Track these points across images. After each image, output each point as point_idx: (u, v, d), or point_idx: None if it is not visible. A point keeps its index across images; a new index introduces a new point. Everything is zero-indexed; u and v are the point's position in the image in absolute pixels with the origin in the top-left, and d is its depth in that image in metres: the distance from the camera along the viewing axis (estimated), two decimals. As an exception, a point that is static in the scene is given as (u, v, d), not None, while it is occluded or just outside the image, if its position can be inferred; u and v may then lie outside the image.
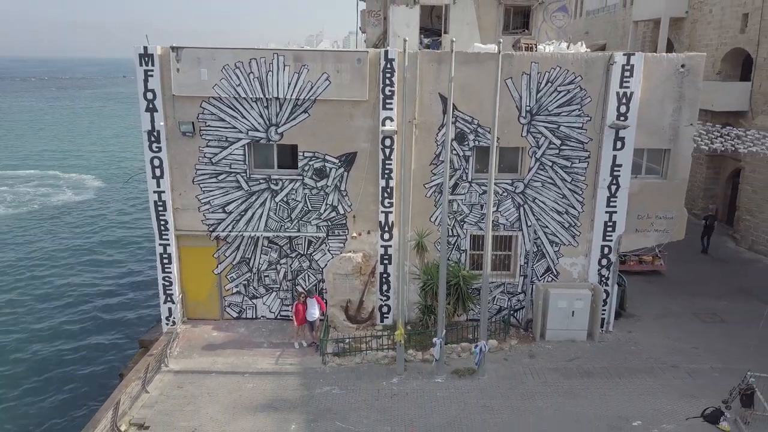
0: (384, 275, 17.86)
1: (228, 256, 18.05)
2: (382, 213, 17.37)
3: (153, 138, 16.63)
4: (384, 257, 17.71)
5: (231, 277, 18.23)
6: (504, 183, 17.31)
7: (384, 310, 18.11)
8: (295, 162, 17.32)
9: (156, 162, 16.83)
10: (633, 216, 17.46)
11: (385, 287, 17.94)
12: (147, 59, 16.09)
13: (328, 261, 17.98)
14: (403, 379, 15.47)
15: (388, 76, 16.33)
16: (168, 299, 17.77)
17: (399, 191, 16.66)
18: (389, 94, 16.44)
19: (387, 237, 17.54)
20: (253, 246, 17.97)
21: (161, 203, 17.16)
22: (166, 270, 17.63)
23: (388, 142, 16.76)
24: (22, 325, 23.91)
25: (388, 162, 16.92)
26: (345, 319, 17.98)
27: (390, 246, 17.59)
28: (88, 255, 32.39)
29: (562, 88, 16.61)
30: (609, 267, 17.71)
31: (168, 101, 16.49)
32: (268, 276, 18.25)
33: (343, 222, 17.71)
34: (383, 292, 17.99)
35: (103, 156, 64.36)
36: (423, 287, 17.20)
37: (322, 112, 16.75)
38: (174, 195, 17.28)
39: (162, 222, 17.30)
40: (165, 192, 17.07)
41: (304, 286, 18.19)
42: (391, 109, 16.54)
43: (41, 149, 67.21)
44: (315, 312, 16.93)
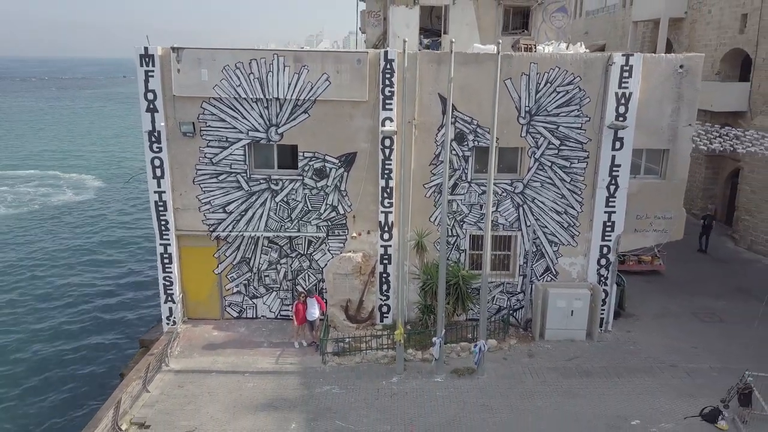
0: (384, 275, 17.91)
1: (228, 256, 18.11)
2: (381, 213, 17.43)
3: (154, 138, 16.69)
4: (384, 257, 17.77)
5: (231, 277, 18.29)
6: (503, 183, 17.36)
7: (384, 309, 18.17)
8: (295, 162, 17.38)
9: (156, 162, 16.89)
10: (632, 216, 17.50)
11: (385, 287, 17.99)
12: (148, 60, 16.14)
13: (328, 261, 18.04)
14: (403, 379, 15.52)
15: (387, 76, 16.38)
16: (168, 299, 17.83)
17: (399, 191, 16.72)
18: (389, 94, 16.49)
19: (387, 237, 17.60)
20: (254, 246, 18.03)
21: (162, 203, 17.21)
22: (166, 270, 17.69)
23: (387, 142, 16.82)
24: (22, 325, 23.94)
25: (387, 162, 16.98)
26: (345, 319, 18.04)
27: (390, 246, 17.64)
28: (88, 255, 32.42)
29: (561, 88, 16.66)
30: (608, 267, 17.76)
31: (168, 102, 16.54)
32: (268, 276, 18.31)
33: (343, 222, 17.77)
34: (383, 291, 18.04)
35: (104, 156, 64.39)
36: (423, 287, 17.26)
37: (322, 112, 16.81)
38: (174, 195, 17.34)
39: (162, 222, 17.36)
40: (165, 192, 17.12)
41: (304, 285, 18.25)
42: (391, 110, 16.60)
43: (41, 149, 67.20)
44: (315, 312, 16.98)
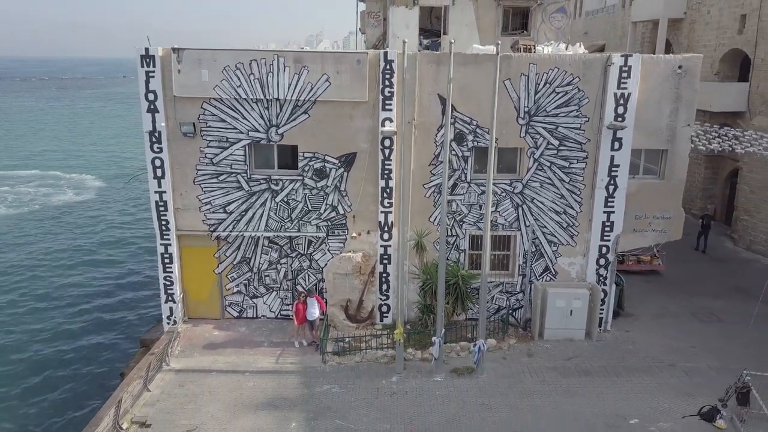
0: (383, 275, 17.97)
1: (229, 255, 18.17)
2: (381, 213, 17.49)
3: (154, 138, 16.74)
4: (383, 257, 17.82)
5: (232, 277, 18.35)
6: (502, 183, 17.42)
7: (383, 309, 18.23)
8: (296, 162, 17.44)
9: (157, 162, 16.94)
10: (631, 216, 17.56)
11: (385, 287, 18.05)
12: (148, 60, 16.20)
13: (328, 261, 18.10)
14: (403, 378, 15.58)
15: (387, 77, 16.44)
16: (169, 299, 17.89)
17: (398, 191, 16.77)
18: (389, 95, 16.55)
19: (386, 237, 17.65)
20: (254, 246, 18.09)
21: (162, 203, 17.27)
22: (167, 270, 17.75)
23: (387, 142, 16.88)
24: (23, 325, 23.97)
25: (387, 162, 17.04)
26: (345, 319, 18.10)
27: (389, 246, 17.70)
28: (89, 255, 32.46)
29: (560, 89, 16.72)
30: (607, 267, 17.82)
31: (169, 102, 16.60)
32: (268, 275, 18.37)
33: (343, 222, 17.82)
34: (383, 291, 18.10)
35: (104, 156, 64.41)
36: (422, 287, 17.31)
37: (322, 113, 16.86)
38: (175, 195, 17.40)
39: (163, 222, 17.42)
40: (166, 192, 17.18)
41: (304, 285, 18.31)
42: (391, 110, 16.66)
43: (42, 149, 67.20)
44: (315, 311, 17.03)
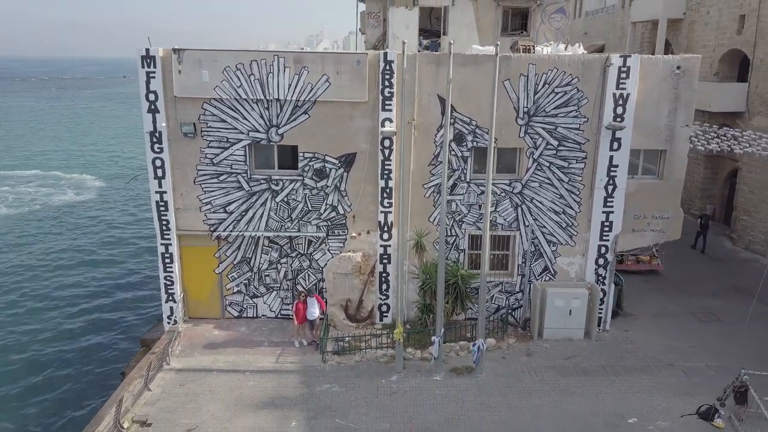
0: (383, 274, 18.03)
1: (229, 255, 18.23)
2: (381, 213, 17.55)
3: (155, 139, 16.80)
4: (383, 257, 17.88)
5: (232, 277, 18.40)
6: (502, 183, 17.48)
7: (383, 309, 18.29)
8: (296, 162, 17.49)
9: (158, 162, 17.00)
10: (630, 216, 17.62)
11: (385, 286, 18.11)
12: (149, 61, 16.26)
13: (328, 260, 18.16)
14: (402, 377, 15.64)
15: (387, 77, 16.50)
16: (169, 298, 17.95)
17: (398, 191, 16.84)
18: (388, 95, 16.61)
19: (386, 237, 17.71)
20: (254, 246, 18.15)
21: (163, 203, 17.33)
22: (167, 269, 17.81)
23: (387, 142, 16.94)
24: (23, 325, 24.02)
25: (387, 162, 17.09)
26: (345, 318, 18.16)
27: (389, 246, 17.76)
28: (89, 255, 32.52)
29: (559, 89, 16.78)
30: (606, 266, 17.88)
31: (170, 102, 16.65)
32: (268, 275, 18.43)
33: (343, 222, 17.88)
34: (382, 291, 18.16)
35: (104, 156, 64.50)
36: (422, 286, 17.37)
37: (322, 113, 16.92)
38: (176, 195, 17.45)
39: (164, 222, 17.48)
40: (167, 192, 17.23)
41: (304, 285, 18.37)
42: (391, 111, 16.72)
43: (42, 149, 67.26)
44: (315, 311, 17.09)
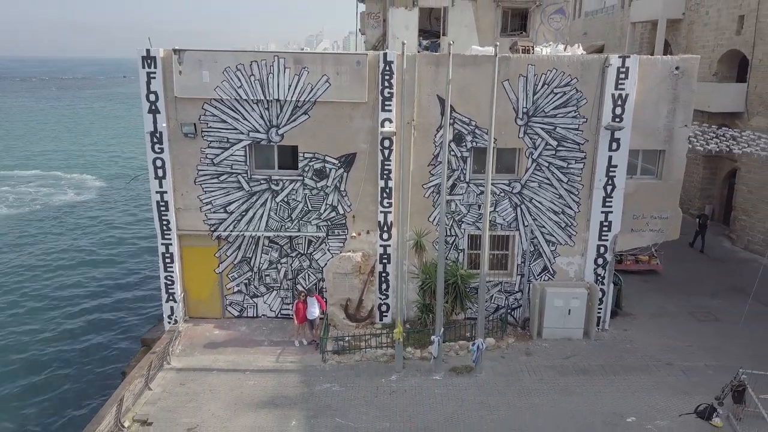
0: (383, 274, 18.09)
1: (229, 255, 18.29)
2: (381, 213, 17.60)
3: (155, 139, 16.85)
4: (383, 256, 17.94)
5: (232, 276, 18.46)
6: (501, 183, 17.54)
7: (383, 308, 18.35)
8: (296, 163, 17.55)
9: (158, 163, 17.06)
10: (628, 216, 17.68)
11: (384, 286, 18.17)
12: (149, 61, 16.31)
13: (328, 260, 18.21)
14: (402, 377, 15.69)
15: (387, 78, 16.55)
16: (170, 298, 18.00)
17: (398, 191, 16.89)
18: (388, 95, 16.67)
19: (386, 237, 17.77)
20: (254, 245, 18.21)
21: (163, 203, 17.38)
22: (168, 269, 17.86)
23: (387, 143, 17.00)
24: (24, 325, 24.06)
25: (387, 163, 17.15)
26: (345, 318, 18.22)
27: (389, 245, 17.81)
28: (90, 255, 32.57)
29: (558, 89, 16.83)
30: (605, 266, 17.94)
31: (170, 103, 16.70)
32: (268, 275, 18.48)
33: (343, 222, 17.94)
34: (382, 291, 18.22)
35: (105, 156, 64.55)
36: (421, 286, 17.42)
37: (322, 113, 16.98)
38: (176, 195, 17.51)
39: (164, 222, 17.54)
40: (167, 192, 17.29)
41: (304, 285, 18.42)
42: (390, 111, 16.77)
43: (42, 149, 67.30)
44: (315, 310, 17.15)
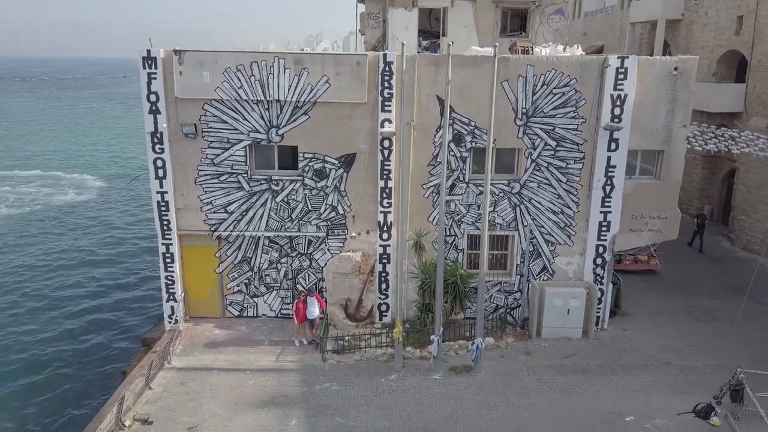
0: (383, 274, 18.14)
1: (229, 255, 18.35)
2: (380, 213, 17.66)
3: (156, 139, 16.90)
4: (383, 256, 17.99)
5: (232, 276, 18.52)
6: (500, 183, 17.60)
7: (383, 308, 18.40)
8: (296, 163, 17.61)
9: (159, 163, 17.11)
10: (627, 216, 17.74)
11: (384, 286, 18.22)
12: (150, 62, 16.36)
13: (327, 260, 18.27)
14: (402, 376, 15.75)
15: (386, 78, 16.60)
16: (170, 298, 18.06)
17: (397, 192, 16.94)
18: (388, 96, 16.72)
19: (386, 236, 17.83)
20: (254, 245, 18.27)
21: (164, 203, 17.44)
22: (168, 269, 17.92)
23: (386, 143, 17.05)
24: (25, 325, 24.11)
25: (386, 163, 17.21)
26: (344, 317, 18.27)
27: (389, 245, 17.87)
28: (90, 254, 32.63)
29: (557, 90, 16.89)
30: (604, 266, 17.99)
31: (171, 103, 16.76)
32: (268, 275, 18.54)
33: (343, 222, 18.00)
34: (382, 290, 18.28)
35: (105, 156, 64.62)
36: (421, 286, 17.48)
37: (322, 114, 17.04)
38: (176, 195, 17.56)
39: (165, 222, 17.59)
40: (168, 192, 17.35)
41: (304, 284, 18.48)
42: (390, 111, 16.83)
43: (43, 149, 67.36)
44: (315, 310, 17.20)
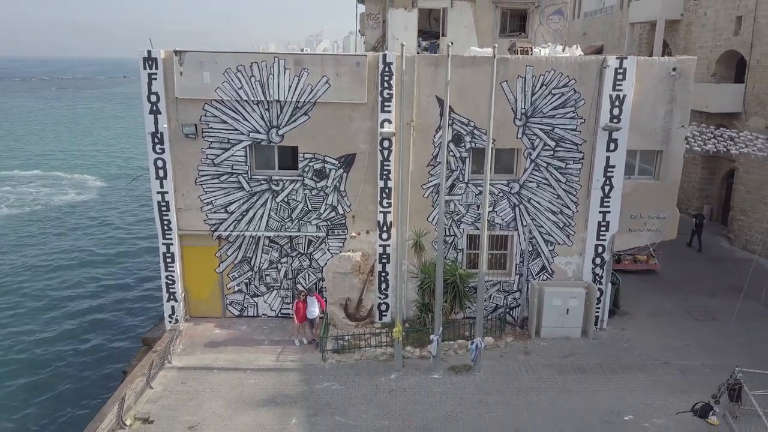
0: (382, 274, 18.19)
1: (230, 255, 18.40)
2: (380, 213, 17.71)
3: (156, 140, 16.95)
4: (382, 256, 18.04)
5: (233, 276, 18.56)
6: (500, 184, 17.65)
7: (382, 308, 18.45)
8: (296, 163, 17.66)
9: (159, 163, 17.16)
10: (626, 216, 17.79)
11: (384, 286, 18.27)
12: (150, 63, 16.41)
13: (327, 260, 18.32)
14: (401, 375, 15.80)
15: (386, 79, 16.65)
16: (171, 298, 18.11)
17: (397, 192, 16.99)
18: (387, 96, 16.77)
19: (385, 236, 17.88)
20: (255, 245, 18.32)
21: (164, 203, 17.49)
22: (169, 269, 17.97)
23: (386, 143, 17.10)
24: (25, 325, 24.17)
25: (386, 163, 17.26)
26: (344, 317, 18.33)
27: (388, 245, 17.92)
28: (91, 254, 32.69)
29: (556, 90, 16.94)
30: (603, 266, 18.04)
31: (171, 104, 16.81)
32: (269, 275, 18.59)
33: (343, 222, 18.05)
34: (382, 290, 18.32)
35: (105, 156, 64.69)
36: (421, 286, 17.53)
37: (321, 114, 17.08)
38: (177, 195, 17.61)
39: (165, 222, 17.65)
40: (168, 192, 17.40)
41: (304, 284, 18.53)
42: (390, 112, 16.88)
43: (43, 149, 67.42)
44: (315, 310, 17.25)
